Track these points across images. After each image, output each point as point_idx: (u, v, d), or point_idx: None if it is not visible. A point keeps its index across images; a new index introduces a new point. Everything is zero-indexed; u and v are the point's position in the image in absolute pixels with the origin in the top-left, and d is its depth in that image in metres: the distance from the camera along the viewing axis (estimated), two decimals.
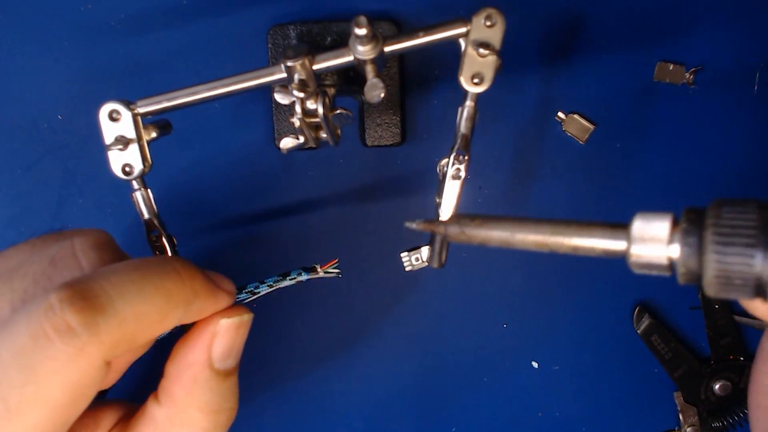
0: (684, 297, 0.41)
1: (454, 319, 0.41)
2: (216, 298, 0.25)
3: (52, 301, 0.20)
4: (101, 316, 0.20)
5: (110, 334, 0.20)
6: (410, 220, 0.26)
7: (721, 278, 0.18)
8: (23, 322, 0.20)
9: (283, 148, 0.32)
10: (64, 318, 0.20)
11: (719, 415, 0.42)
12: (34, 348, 0.19)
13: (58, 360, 0.20)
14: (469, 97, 0.29)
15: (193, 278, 0.24)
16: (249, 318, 0.26)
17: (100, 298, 0.21)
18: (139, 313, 0.21)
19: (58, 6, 0.39)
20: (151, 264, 0.23)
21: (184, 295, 0.23)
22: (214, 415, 0.25)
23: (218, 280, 0.26)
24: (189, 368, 0.25)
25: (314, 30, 0.37)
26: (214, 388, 0.25)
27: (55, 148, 0.40)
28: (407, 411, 0.42)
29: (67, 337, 0.20)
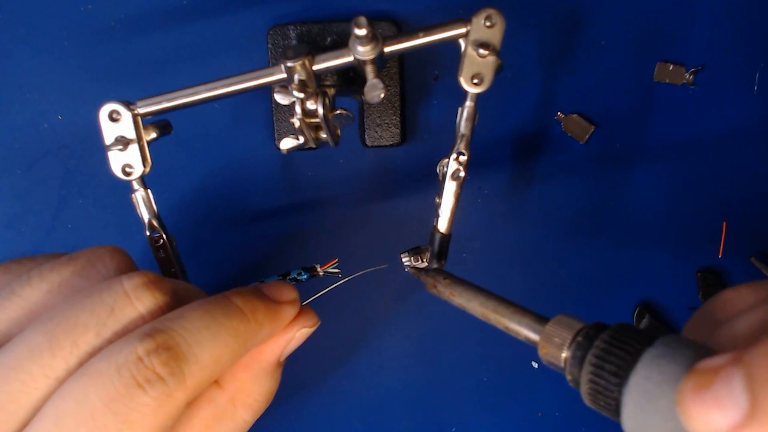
0: (684, 297, 0.41)
1: (454, 319, 0.41)
2: (281, 318, 0.27)
3: (139, 353, 0.22)
4: (185, 365, 0.22)
5: (193, 379, 0.23)
6: (404, 252, 0.32)
7: (591, 394, 0.22)
8: (113, 373, 0.21)
9: (283, 148, 0.32)
10: (154, 369, 0.22)
11: None
12: (127, 397, 0.21)
13: (150, 407, 0.21)
14: (469, 98, 0.29)
15: (255, 311, 0.25)
16: (319, 323, 0.30)
17: (181, 347, 0.22)
18: (215, 356, 0.23)
19: (58, 6, 0.39)
20: (216, 306, 0.24)
21: (251, 330, 0.25)
22: (269, 396, 0.28)
23: (278, 293, 0.27)
24: (261, 362, 0.27)
25: (314, 30, 0.37)
26: (274, 376, 0.28)
27: (55, 148, 0.40)
28: (407, 411, 0.42)
29: (158, 386, 0.22)
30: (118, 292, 0.24)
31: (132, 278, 0.24)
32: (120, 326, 0.24)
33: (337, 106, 0.31)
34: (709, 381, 0.18)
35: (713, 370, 0.18)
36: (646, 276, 0.41)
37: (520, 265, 0.41)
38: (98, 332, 0.23)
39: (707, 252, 0.41)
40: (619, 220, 0.41)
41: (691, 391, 0.18)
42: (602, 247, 0.41)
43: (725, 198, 0.40)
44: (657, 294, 0.41)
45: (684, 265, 0.41)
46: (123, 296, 0.24)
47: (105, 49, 0.39)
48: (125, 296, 0.24)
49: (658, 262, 0.41)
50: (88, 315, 0.23)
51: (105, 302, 0.24)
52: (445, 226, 0.31)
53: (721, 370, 0.18)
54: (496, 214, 0.41)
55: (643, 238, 0.41)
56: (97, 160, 0.40)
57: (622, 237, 0.41)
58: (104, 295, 0.24)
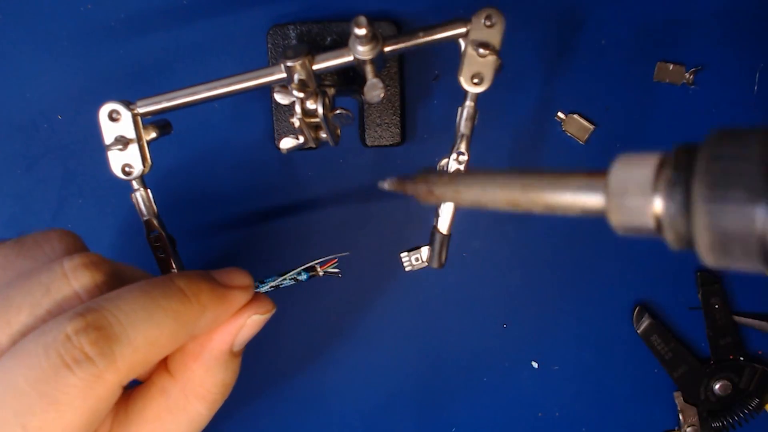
0: (684, 297, 0.41)
1: (454, 319, 0.41)
2: (230, 303, 0.26)
3: (68, 332, 0.21)
4: (116, 345, 0.21)
5: (125, 361, 0.22)
6: (383, 180, 0.24)
7: (716, 243, 0.13)
8: (41, 353, 0.21)
9: (283, 148, 0.32)
10: (82, 348, 0.21)
11: (719, 415, 0.42)
12: (54, 377, 0.20)
13: (77, 388, 0.21)
14: (469, 97, 0.29)
15: (198, 294, 0.24)
16: (274, 311, 0.28)
17: (113, 327, 0.22)
18: (151, 338, 0.22)
19: (58, 6, 0.39)
20: (155, 286, 0.23)
21: (192, 312, 0.24)
22: (224, 388, 0.27)
23: (229, 278, 0.26)
24: (212, 350, 0.26)
25: (314, 30, 0.37)
26: (228, 366, 0.27)
27: (55, 148, 0.40)
28: (407, 411, 0.42)
29: (86, 367, 0.21)
30: (57, 272, 0.23)
31: (73, 258, 0.24)
32: (55, 306, 0.23)
33: (337, 105, 0.31)
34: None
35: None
36: (646, 276, 0.41)
37: (520, 265, 0.41)
38: (32, 312, 0.23)
39: None
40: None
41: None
42: (602, 246, 0.41)
43: None
44: (657, 294, 0.41)
45: (684, 265, 0.41)
46: (61, 276, 0.23)
47: (105, 49, 0.39)
48: (63, 276, 0.23)
49: (658, 261, 0.41)
50: (23, 295, 0.23)
51: (42, 282, 0.23)
52: (445, 226, 0.31)
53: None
54: (496, 214, 0.41)
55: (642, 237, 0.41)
56: (97, 160, 0.40)
57: (621, 237, 0.41)
58: (42, 275, 0.23)
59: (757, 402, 0.41)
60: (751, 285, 0.41)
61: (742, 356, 0.41)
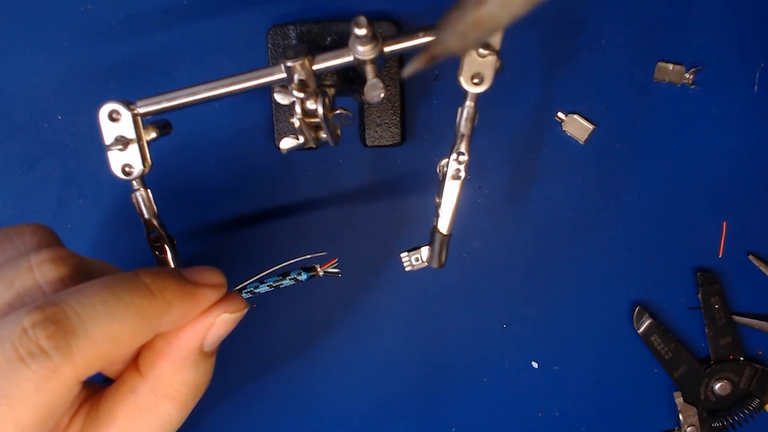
0: (684, 297, 0.41)
1: (454, 319, 0.41)
2: (197, 300, 0.25)
3: (24, 325, 0.20)
4: (73, 339, 0.21)
5: (83, 356, 0.21)
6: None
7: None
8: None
9: (283, 148, 0.32)
10: (38, 342, 0.20)
11: (719, 415, 0.42)
12: (8, 371, 0.20)
13: (31, 382, 0.20)
14: (469, 98, 0.29)
15: (163, 289, 0.24)
16: (246, 310, 0.27)
17: (71, 320, 0.21)
18: (111, 333, 0.22)
19: (58, 6, 0.39)
20: (119, 281, 0.23)
21: (156, 308, 0.23)
22: (195, 389, 0.26)
23: (200, 276, 0.26)
24: (180, 348, 0.25)
25: (314, 30, 0.37)
26: (200, 366, 0.26)
27: (55, 148, 0.40)
28: (407, 411, 0.42)
29: (40, 360, 0.20)
30: (23, 265, 0.23)
31: (40, 253, 0.23)
32: (17, 299, 0.23)
33: (337, 105, 0.31)
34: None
35: None
36: (646, 276, 0.41)
37: (520, 265, 0.41)
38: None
39: (707, 252, 0.41)
40: (618, 220, 0.41)
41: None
42: (602, 246, 0.41)
43: (725, 198, 0.40)
44: (657, 294, 0.41)
45: (683, 264, 0.41)
46: (26, 270, 0.23)
47: (105, 49, 0.39)
48: (29, 270, 0.23)
49: (658, 261, 0.41)
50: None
51: (6, 275, 0.23)
52: (445, 226, 0.31)
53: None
54: (496, 214, 0.41)
55: (642, 237, 0.41)
56: (97, 160, 0.40)
57: (621, 236, 0.41)
58: (8, 269, 0.23)
59: (757, 402, 0.41)
60: (751, 285, 0.41)
61: (742, 356, 0.41)
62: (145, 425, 0.25)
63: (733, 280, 0.41)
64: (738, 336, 0.41)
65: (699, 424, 0.41)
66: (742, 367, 0.41)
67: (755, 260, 0.41)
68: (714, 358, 0.41)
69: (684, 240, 0.41)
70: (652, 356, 0.41)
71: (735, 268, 0.41)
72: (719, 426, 0.42)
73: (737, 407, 0.42)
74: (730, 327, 0.41)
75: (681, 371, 0.41)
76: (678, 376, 0.41)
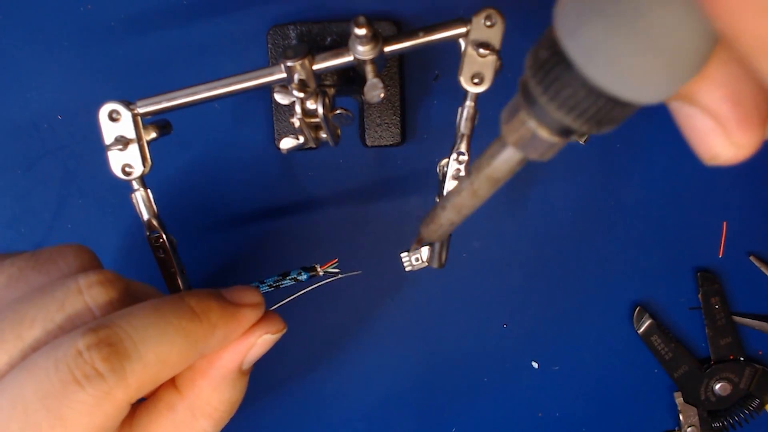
0: (684, 297, 0.41)
1: (454, 319, 0.41)
2: (239, 321, 0.26)
3: (79, 347, 0.21)
4: (127, 362, 0.21)
5: (136, 378, 0.21)
6: (404, 252, 0.30)
7: (558, 95, 0.15)
8: (50, 367, 0.20)
9: (283, 148, 0.32)
10: (93, 364, 0.21)
11: (719, 416, 0.42)
12: (63, 392, 0.20)
13: (86, 404, 0.20)
14: (469, 97, 0.29)
15: (207, 312, 0.24)
16: (285, 330, 0.28)
17: (124, 343, 0.21)
18: (161, 355, 0.22)
19: (58, 6, 0.39)
20: (166, 304, 0.24)
21: (202, 331, 0.24)
22: (231, 407, 0.27)
23: (239, 297, 0.26)
24: (220, 368, 0.26)
25: (314, 30, 0.37)
26: (236, 385, 0.27)
27: (55, 148, 0.40)
28: (407, 411, 0.42)
29: (95, 383, 0.20)
30: (72, 287, 0.23)
31: (88, 275, 0.24)
32: (68, 321, 0.23)
33: (337, 105, 0.31)
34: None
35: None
36: (646, 275, 0.41)
37: (520, 265, 0.41)
38: (45, 327, 0.22)
39: (707, 252, 0.41)
40: (618, 220, 0.41)
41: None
42: (602, 246, 0.41)
43: (725, 198, 0.40)
44: (657, 294, 0.41)
45: (683, 264, 0.41)
46: (76, 292, 0.23)
47: (105, 49, 0.39)
48: (78, 292, 0.23)
49: (658, 261, 0.41)
50: (36, 309, 0.23)
51: (56, 297, 0.23)
52: None
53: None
54: (496, 214, 0.41)
55: (642, 237, 0.41)
56: (97, 160, 0.40)
57: (621, 236, 0.41)
58: (57, 291, 0.23)
59: (758, 402, 0.41)
60: (751, 285, 0.41)
61: (742, 356, 0.41)
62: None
63: (733, 280, 0.41)
64: (738, 336, 0.41)
65: (699, 424, 0.41)
66: (742, 368, 0.41)
67: (756, 261, 0.41)
68: (714, 359, 0.41)
69: (684, 240, 0.41)
70: (652, 356, 0.41)
71: (735, 268, 0.41)
72: (719, 426, 0.42)
73: (737, 407, 0.42)
74: (731, 327, 0.41)
75: (681, 371, 0.41)
76: (678, 376, 0.41)
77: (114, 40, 0.39)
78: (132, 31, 0.39)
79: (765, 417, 0.42)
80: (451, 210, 0.21)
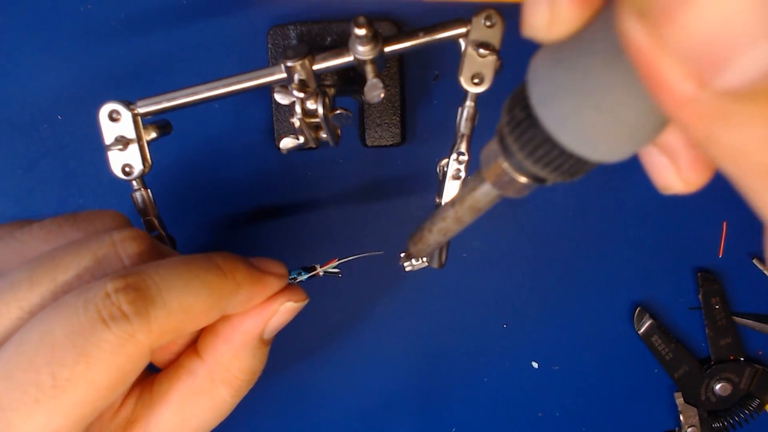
0: (684, 297, 0.41)
1: (454, 319, 0.41)
2: (264, 285, 0.27)
3: (108, 289, 0.22)
4: (152, 307, 0.22)
5: (159, 324, 0.22)
6: (404, 252, 0.31)
7: (531, 151, 0.17)
8: (80, 307, 0.22)
9: (283, 148, 0.32)
10: (119, 306, 0.22)
11: (720, 416, 0.42)
12: (90, 331, 0.21)
13: (110, 343, 0.21)
14: (469, 98, 0.29)
15: (234, 271, 0.25)
16: (307, 301, 0.29)
17: (150, 290, 0.22)
18: (185, 305, 0.23)
19: (58, 6, 0.39)
20: (194, 259, 0.25)
21: (227, 287, 0.25)
22: (250, 376, 0.28)
23: (266, 266, 0.27)
24: (242, 334, 0.27)
25: (314, 30, 0.37)
26: (257, 354, 0.28)
27: (55, 148, 0.40)
28: (407, 411, 0.42)
29: (121, 324, 0.21)
30: (106, 240, 0.24)
31: (122, 231, 0.25)
32: (99, 269, 0.24)
33: (337, 106, 0.31)
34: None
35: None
36: (646, 276, 0.41)
37: (520, 265, 0.41)
38: (78, 273, 0.24)
39: (707, 252, 0.41)
40: (618, 220, 0.41)
41: None
42: (602, 246, 0.41)
43: (725, 198, 0.40)
44: (657, 294, 0.41)
45: (683, 264, 0.41)
46: (109, 244, 0.24)
47: (105, 49, 0.39)
48: (111, 245, 0.24)
49: (658, 261, 0.41)
50: (71, 257, 0.24)
51: (91, 248, 0.24)
52: None
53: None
54: (496, 214, 0.41)
55: (642, 237, 0.41)
56: (97, 160, 0.40)
57: (621, 236, 0.41)
58: (93, 242, 0.24)
59: (758, 402, 0.41)
60: (751, 285, 0.41)
61: (742, 357, 0.41)
62: (200, 408, 0.27)
63: (733, 280, 0.41)
64: (738, 336, 0.41)
65: (699, 424, 0.41)
66: (742, 368, 0.41)
67: (758, 264, 0.41)
68: (714, 359, 0.41)
69: (684, 240, 0.41)
70: (652, 357, 0.41)
71: (735, 268, 0.41)
72: (720, 426, 0.42)
73: (738, 408, 0.42)
74: (731, 327, 0.41)
75: (681, 372, 0.41)
76: (678, 376, 0.41)
77: (114, 40, 0.39)
78: (132, 31, 0.39)
79: (765, 417, 0.42)
80: (437, 233, 0.23)
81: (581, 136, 0.14)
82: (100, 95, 0.30)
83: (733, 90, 0.10)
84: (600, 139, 0.14)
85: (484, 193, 0.20)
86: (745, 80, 0.10)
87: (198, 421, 0.27)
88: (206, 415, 0.27)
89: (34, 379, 0.21)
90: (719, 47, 0.09)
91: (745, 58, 0.09)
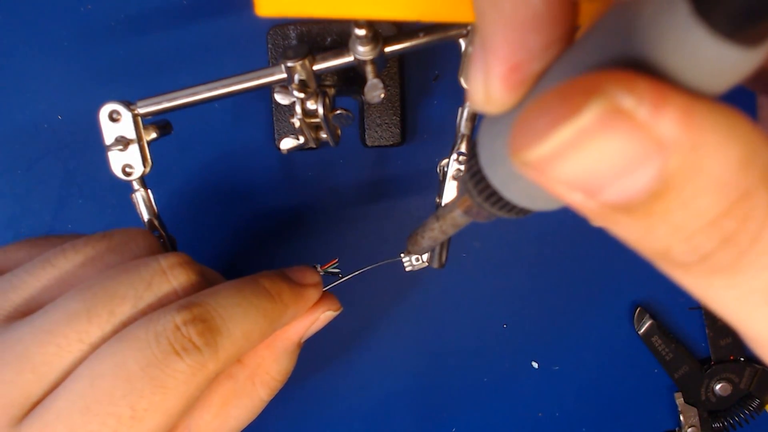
0: (684, 297, 0.41)
1: (454, 319, 0.41)
2: (305, 299, 0.28)
3: (177, 322, 0.23)
4: (219, 337, 0.23)
5: (226, 352, 0.24)
6: (405, 252, 0.33)
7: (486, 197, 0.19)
8: (151, 339, 0.22)
9: (283, 148, 0.32)
10: (190, 338, 0.23)
11: (720, 416, 0.42)
12: (164, 362, 0.22)
13: (184, 374, 0.22)
14: None
15: (281, 293, 0.27)
16: (341, 310, 0.31)
17: (216, 321, 0.24)
18: (246, 333, 0.24)
19: (58, 6, 0.39)
20: (245, 285, 0.26)
21: (277, 311, 0.26)
22: (285, 377, 0.29)
23: (302, 277, 0.29)
24: (285, 340, 0.29)
25: (314, 30, 0.37)
26: (293, 357, 0.30)
27: (55, 148, 0.40)
28: (407, 411, 0.42)
29: (193, 355, 0.23)
30: (156, 268, 0.25)
31: (168, 257, 0.26)
32: (155, 300, 0.25)
33: (337, 106, 0.31)
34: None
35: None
36: (646, 275, 0.41)
37: (520, 265, 0.41)
38: (135, 304, 0.24)
39: None
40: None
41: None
42: (602, 246, 0.41)
43: None
44: (657, 294, 0.41)
45: None
46: (160, 272, 0.25)
47: (105, 49, 0.39)
48: (162, 273, 0.25)
49: None
50: (126, 287, 0.24)
51: (143, 277, 0.25)
52: None
53: None
54: None
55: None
56: (97, 160, 0.40)
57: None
58: (142, 270, 0.25)
59: (758, 402, 0.41)
60: None
61: (742, 357, 0.41)
62: (239, 409, 0.28)
63: None
64: (738, 336, 0.41)
65: (699, 424, 0.41)
66: (742, 368, 0.41)
67: None
68: (714, 359, 0.41)
69: None
70: (652, 357, 0.41)
71: None
72: (720, 426, 0.42)
73: (738, 408, 0.42)
74: (730, 327, 0.41)
75: (681, 372, 0.41)
76: (679, 376, 0.41)
77: (114, 40, 0.39)
78: (132, 31, 0.39)
79: (765, 417, 0.42)
80: (428, 240, 0.26)
81: (520, 195, 0.17)
82: (100, 95, 0.30)
83: (611, 204, 0.12)
84: (536, 197, 0.17)
85: (460, 215, 0.22)
86: (619, 200, 0.12)
87: (236, 422, 0.28)
88: (244, 416, 0.28)
89: (112, 411, 0.22)
90: (594, 181, 0.12)
91: (613, 188, 0.12)
